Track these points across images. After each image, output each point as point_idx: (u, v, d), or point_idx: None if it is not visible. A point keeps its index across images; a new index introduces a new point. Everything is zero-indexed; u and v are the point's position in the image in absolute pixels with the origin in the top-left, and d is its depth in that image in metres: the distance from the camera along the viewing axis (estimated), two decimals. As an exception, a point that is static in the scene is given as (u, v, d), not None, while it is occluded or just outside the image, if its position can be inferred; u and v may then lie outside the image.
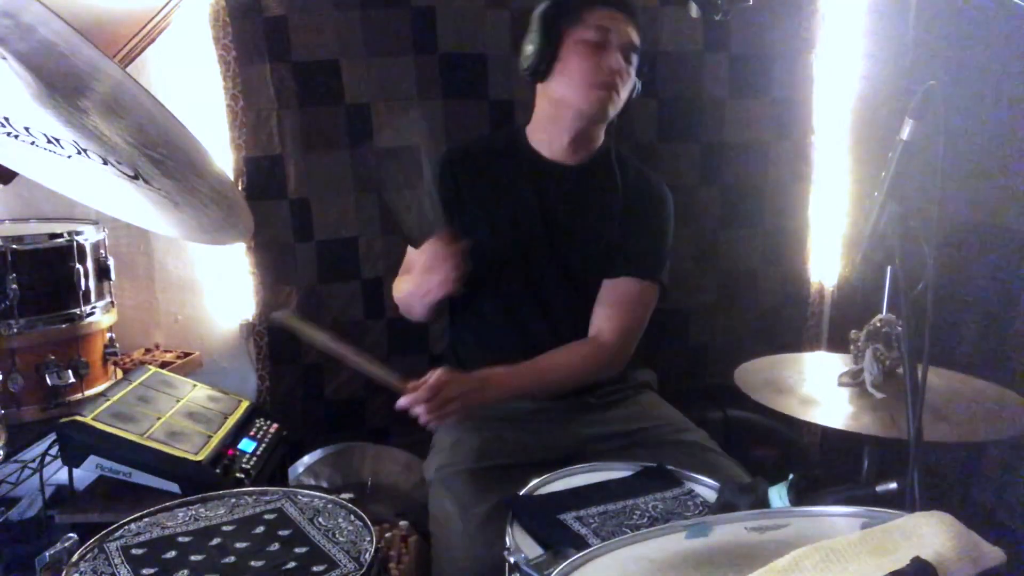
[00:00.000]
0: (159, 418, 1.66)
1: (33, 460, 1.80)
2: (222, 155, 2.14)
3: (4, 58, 1.15)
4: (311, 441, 2.20)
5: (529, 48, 1.61)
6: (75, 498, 1.58)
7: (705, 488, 1.34)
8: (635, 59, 1.61)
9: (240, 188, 2.15)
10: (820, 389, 1.50)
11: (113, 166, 1.40)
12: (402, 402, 1.47)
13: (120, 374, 1.93)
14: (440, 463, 1.57)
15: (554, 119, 1.65)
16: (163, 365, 2.04)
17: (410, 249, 1.70)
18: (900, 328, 1.35)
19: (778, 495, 1.07)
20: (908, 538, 0.72)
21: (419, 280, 1.58)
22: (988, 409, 1.41)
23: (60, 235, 1.75)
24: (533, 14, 1.62)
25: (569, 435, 1.62)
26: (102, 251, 1.88)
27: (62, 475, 1.63)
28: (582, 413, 1.66)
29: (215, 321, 2.34)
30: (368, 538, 1.15)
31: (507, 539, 1.18)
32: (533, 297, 1.67)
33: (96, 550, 1.13)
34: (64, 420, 1.54)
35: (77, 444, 1.52)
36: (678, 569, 0.85)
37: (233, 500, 1.29)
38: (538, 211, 1.66)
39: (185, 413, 1.73)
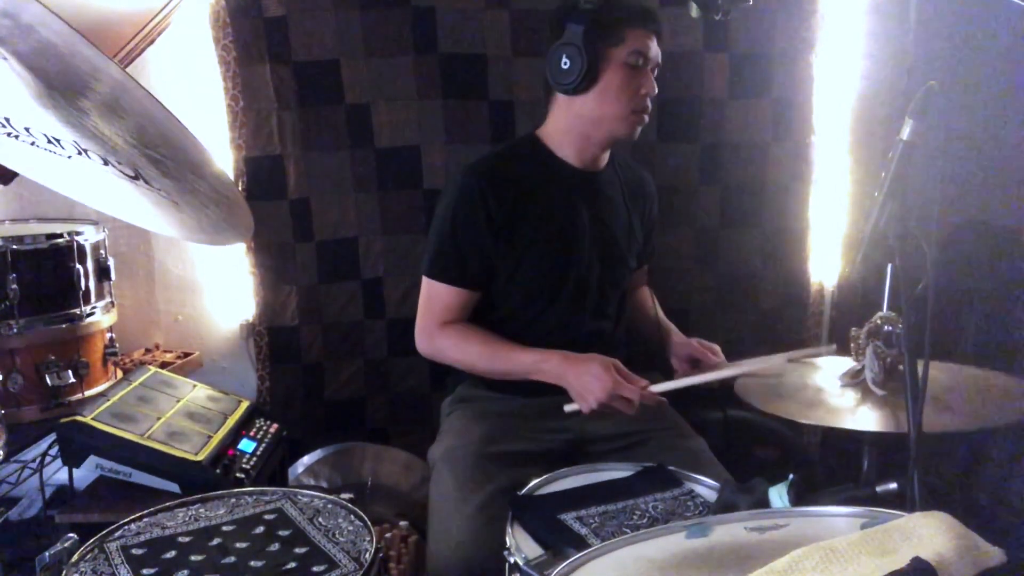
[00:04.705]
0: (159, 418, 1.66)
1: (33, 460, 1.80)
2: (222, 155, 2.14)
3: (4, 58, 1.15)
4: (311, 441, 2.20)
5: (566, 63, 1.54)
6: (75, 498, 1.58)
7: (705, 488, 1.34)
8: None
9: (240, 188, 2.14)
10: (821, 391, 1.49)
11: (113, 166, 1.41)
12: None
13: (120, 374, 1.93)
14: (447, 445, 1.58)
15: (584, 134, 1.63)
16: (163, 365, 2.04)
17: (445, 290, 1.63)
18: (900, 325, 1.35)
19: (778, 495, 1.07)
20: (908, 538, 0.72)
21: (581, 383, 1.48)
22: (990, 396, 1.42)
23: (60, 235, 1.75)
24: (566, 25, 1.54)
25: (572, 430, 1.63)
26: (102, 251, 1.88)
27: (62, 475, 1.63)
28: None
29: (215, 321, 2.34)
30: (368, 538, 1.15)
31: (507, 539, 1.18)
32: (583, 303, 1.68)
33: (96, 550, 1.13)
34: (64, 420, 1.54)
35: (77, 444, 1.52)
36: (678, 569, 0.85)
37: (233, 500, 1.30)
38: (585, 221, 1.66)
39: (185, 413, 1.73)
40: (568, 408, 1.50)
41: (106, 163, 1.40)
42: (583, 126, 1.62)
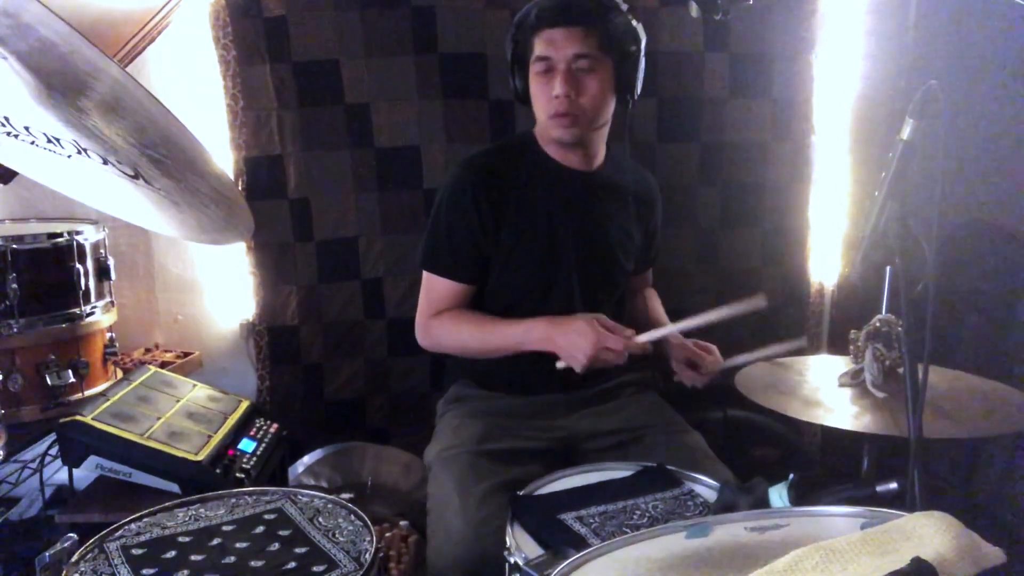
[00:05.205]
0: (159, 418, 1.66)
1: (33, 460, 1.80)
2: (222, 155, 2.14)
3: (4, 58, 1.16)
4: (311, 441, 2.20)
5: (510, 82, 1.67)
6: (75, 498, 1.58)
7: (705, 488, 1.34)
8: (598, 61, 1.55)
9: (240, 188, 2.15)
10: (821, 390, 1.50)
11: (113, 166, 1.41)
12: None
13: (120, 374, 1.93)
14: (442, 446, 1.58)
15: (551, 139, 1.67)
16: (163, 365, 2.04)
17: (440, 283, 1.66)
18: (900, 328, 1.35)
19: (778, 495, 1.07)
20: (908, 538, 0.72)
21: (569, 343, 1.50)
22: (989, 405, 1.42)
23: (60, 235, 1.75)
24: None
25: (567, 427, 1.64)
26: (102, 251, 1.88)
27: (62, 475, 1.63)
28: (580, 407, 1.68)
29: (215, 321, 2.34)
30: (368, 538, 1.15)
31: (507, 539, 1.18)
32: (572, 304, 1.67)
33: (96, 550, 1.13)
34: (64, 420, 1.53)
35: (77, 444, 1.52)
36: (678, 569, 0.85)
37: (233, 500, 1.29)
38: (572, 220, 1.67)
39: (185, 413, 1.73)
40: (559, 365, 1.53)
41: (106, 163, 1.40)
42: (545, 131, 1.67)
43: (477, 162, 1.68)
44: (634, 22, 1.59)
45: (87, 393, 1.78)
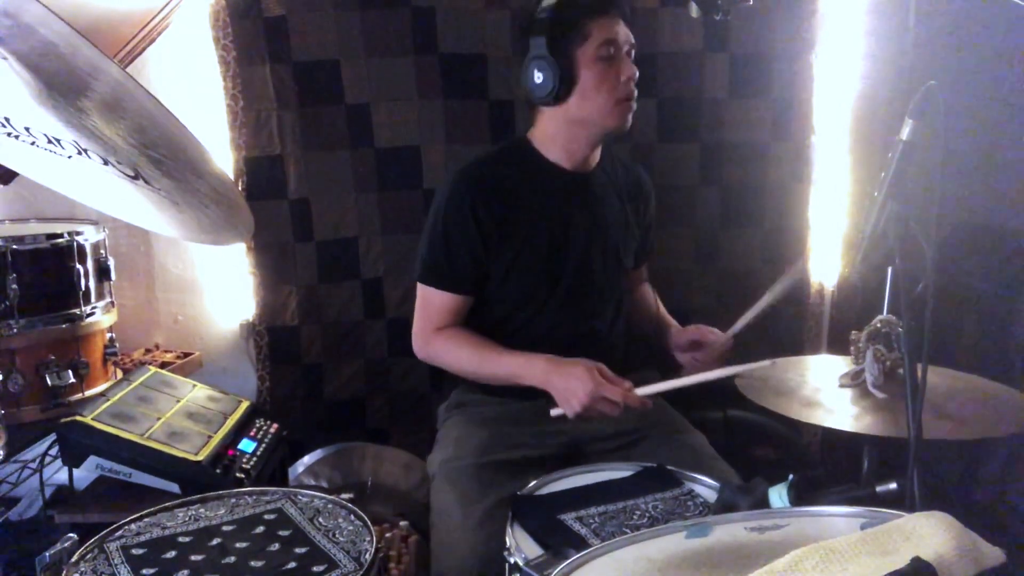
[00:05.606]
0: (159, 418, 1.66)
1: (33, 460, 1.80)
2: (222, 155, 2.14)
3: (5, 58, 1.15)
4: (311, 441, 2.20)
5: (539, 77, 1.55)
6: (75, 498, 1.58)
7: (705, 488, 1.34)
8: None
9: (240, 188, 2.15)
10: (821, 390, 1.49)
11: (113, 166, 1.41)
12: None
13: (120, 374, 1.93)
14: (444, 457, 1.58)
15: (573, 137, 1.63)
16: (163, 365, 2.04)
17: (438, 296, 1.65)
18: (900, 328, 1.35)
19: (778, 495, 1.07)
20: (908, 538, 0.72)
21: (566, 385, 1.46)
22: (989, 406, 1.41)
23: (60, 235, 1.75)
24: (530, 39, 1.56)
25: (570, 432, 1.63)
26: (102, 251, 1.88)
27: (62, 475, 1.63)
28: None
29: (215, 321, 2.34)
30: (368, 538, 1.15)
31: (507, 539, 1.18)
32: (576, 305, 1.67)
33: (96, 550, 1.13)
34: (64, 420, 1.53)
35: (77, 444, 1.52)
36: (678, 569, 0.85)
37: (233, 500, 1.30)
38: (577, 222, 1.66)
39: (185, 413, 1.73)
40: (554, 412, 1.50)
41: (106, 163, 1.40)
42: (572, 129, 1.62)
43: (473, 172, 1.65)
44: None
45: (87, 393, 1.78)
